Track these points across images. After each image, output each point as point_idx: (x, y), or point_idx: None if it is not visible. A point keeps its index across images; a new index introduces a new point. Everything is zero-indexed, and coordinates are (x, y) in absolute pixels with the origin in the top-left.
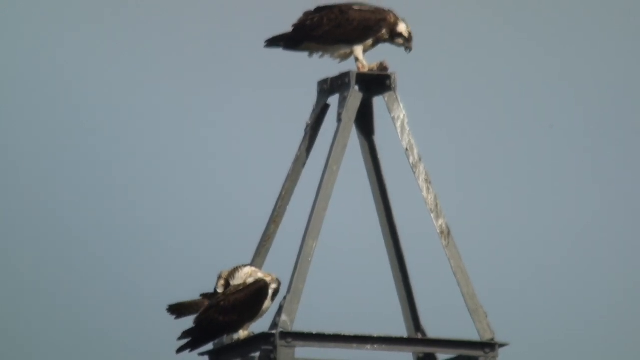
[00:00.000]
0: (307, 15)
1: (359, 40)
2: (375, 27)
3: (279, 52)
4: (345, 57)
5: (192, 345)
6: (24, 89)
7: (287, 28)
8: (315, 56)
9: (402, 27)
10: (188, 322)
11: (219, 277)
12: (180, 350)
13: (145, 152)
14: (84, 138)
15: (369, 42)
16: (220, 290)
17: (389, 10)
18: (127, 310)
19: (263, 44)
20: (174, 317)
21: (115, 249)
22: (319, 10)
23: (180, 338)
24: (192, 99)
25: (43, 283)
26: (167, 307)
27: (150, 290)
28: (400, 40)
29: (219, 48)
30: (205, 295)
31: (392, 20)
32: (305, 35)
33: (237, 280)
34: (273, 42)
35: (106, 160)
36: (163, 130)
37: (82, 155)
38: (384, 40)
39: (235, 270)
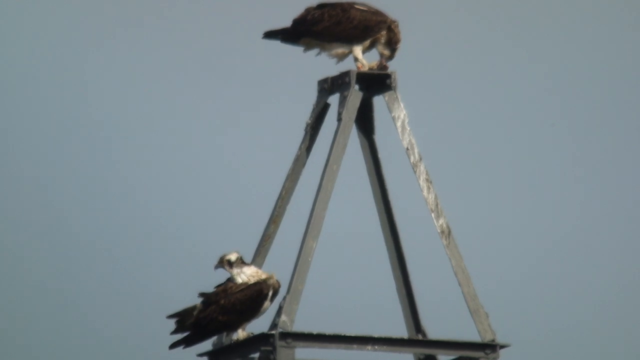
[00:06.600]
0: (309, 10)
1: (357, 40)
2: (375, 28)
3: (280, 51)
4: (341, 57)
5: (186, 342)
6: (37, 89)
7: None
8: (315, 55)
9: (399, 38)
10: None
11: (222, 261)
12: (173, 346)
13: (145, 153)
14: (89, 139)
15: (367, 43)
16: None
17: (393, 20)
18: (127, 310)
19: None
20: (176, 324)
21: (114, 248)
22: (322, 6)
23: (173, 332)
24: (190, 98)
25: (46, 281)
26: (168, 316)
27: (150, 290)
28: (387, 52)
29: (219, 47)
30: (203, 295)
31: (394, 26)
32: (305, 30)
33: (240, 278)
34: (271, 35)
35: (105, 162)
36: (161, 131)
37: (83, 155)
38: (379, 44)
39: (239, 263)
